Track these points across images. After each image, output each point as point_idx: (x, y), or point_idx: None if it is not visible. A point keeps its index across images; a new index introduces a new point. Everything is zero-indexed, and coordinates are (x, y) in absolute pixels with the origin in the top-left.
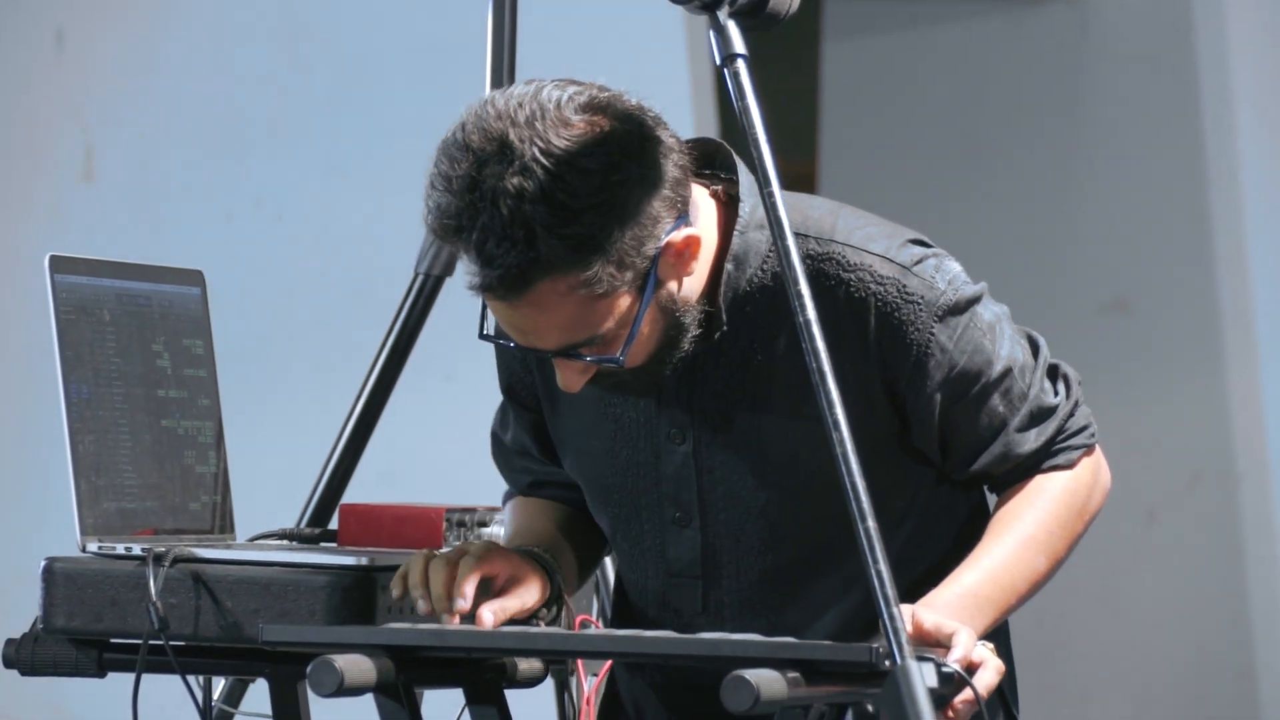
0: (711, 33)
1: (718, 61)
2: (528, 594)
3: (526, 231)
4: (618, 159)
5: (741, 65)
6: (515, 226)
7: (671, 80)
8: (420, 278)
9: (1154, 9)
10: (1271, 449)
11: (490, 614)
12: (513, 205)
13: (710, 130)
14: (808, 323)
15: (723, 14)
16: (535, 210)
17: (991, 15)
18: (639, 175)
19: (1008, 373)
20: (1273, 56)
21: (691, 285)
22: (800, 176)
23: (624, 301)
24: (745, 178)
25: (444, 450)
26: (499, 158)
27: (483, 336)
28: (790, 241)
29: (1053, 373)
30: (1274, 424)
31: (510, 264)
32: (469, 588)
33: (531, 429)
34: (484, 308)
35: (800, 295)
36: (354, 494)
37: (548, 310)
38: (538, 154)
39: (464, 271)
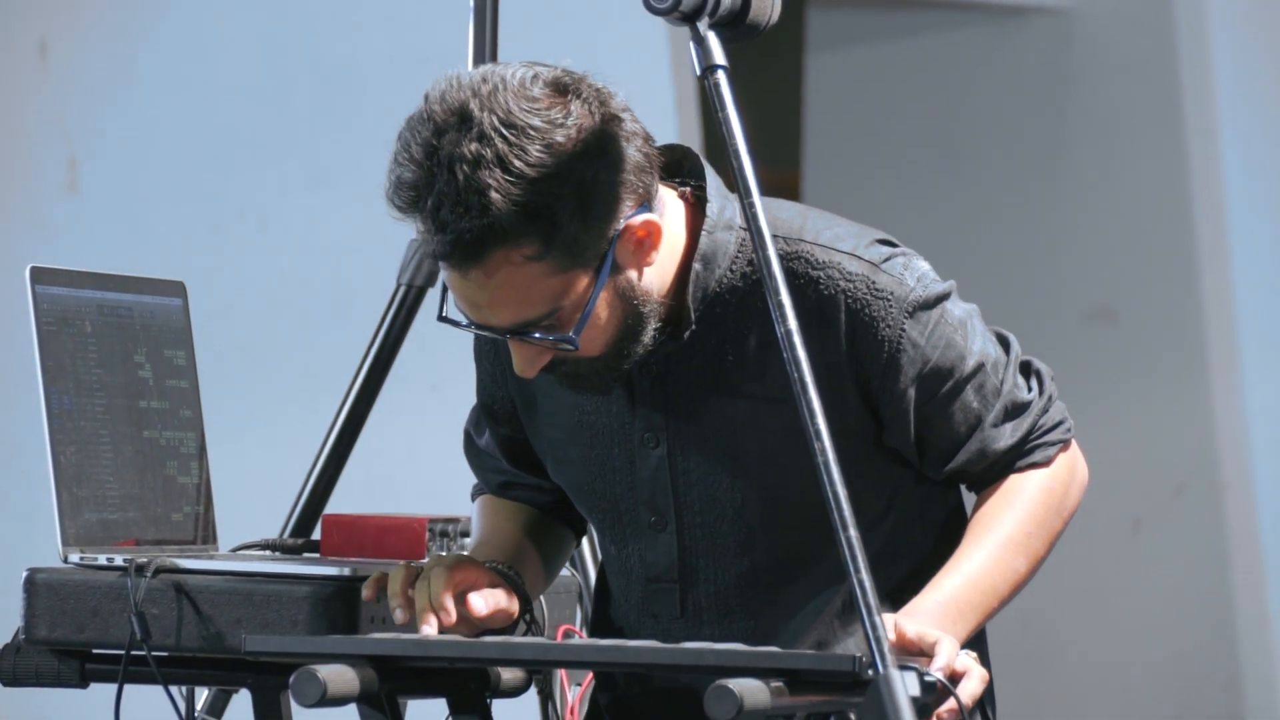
0: (692, 44)
1: (698, 72)
2: (510, 600)
3: (480, 198)
4: (577, 134)
5: (721, 76)
6: (470, 193)
7: (655, 91)
8: (403, 288)
9: (1137, 20)
10: (1255, 457)
11: (482, 600)
12: (468, 171)
13: (694, 140)
14: (789, 333)
15: (703, 25)
16: (490, 176)
17: (975, 26)
18: (599, 153)
19: (980, 368)
20: (1255, 67)
21: (654, 278)
22: (784, 187)
23: (580, 282)
24: (713, 180)
25: (427, 461)
26: (458, 126)
27: (441, 318)
28: (772, 252)
29: (1025, 369)
30: (1257, 433)
31: (463, 230)
32: (449, 601)
33: (504, 442)
34: (444, 290)
35: (781, 305)
36: (337, 504)
37: (501, 283)
38: (496, 122)
39: (421, 239)
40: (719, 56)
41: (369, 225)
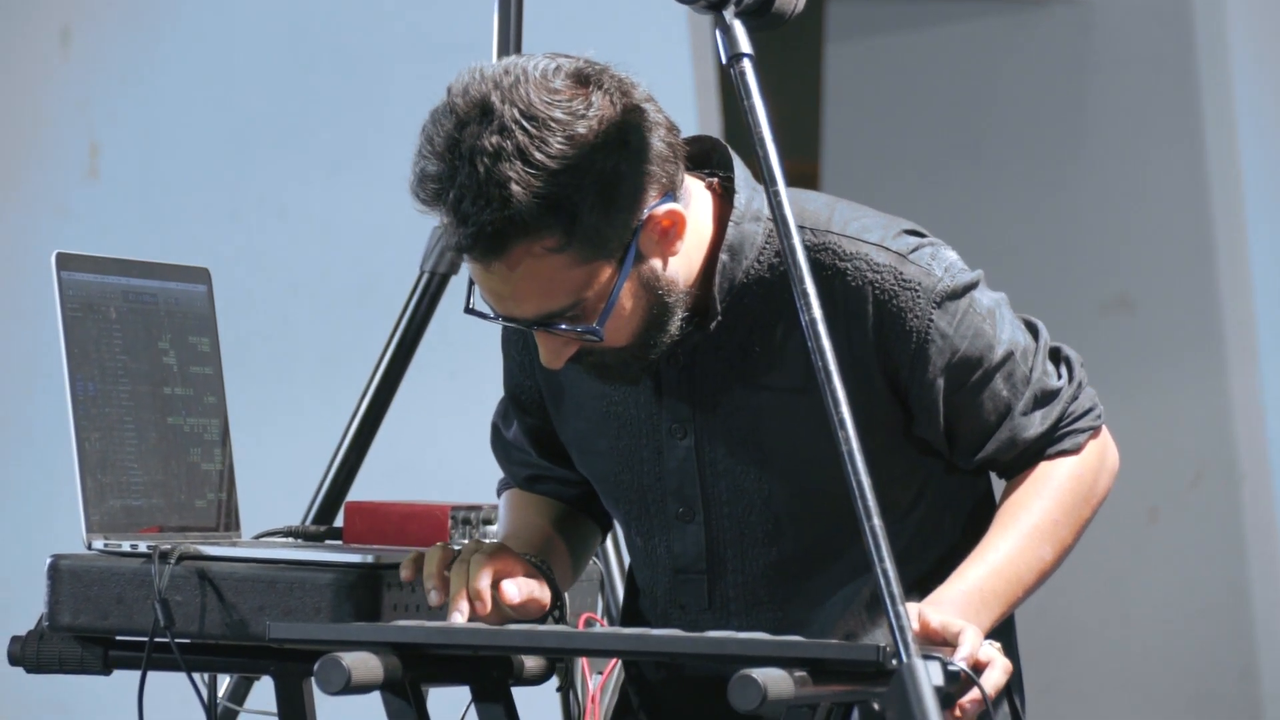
0: (717, 32)
1: (724, 61)
2: (542, 590)
3: (501, 190)
4: (599, 125)
5: (747, 64)
6: (491, 185)
7: (676, 80)
8: (425, 275)
9: (1155, 9)
10: (1272, 447)
11: (515, 588)
12: (489, 164)
13: (714, 129)
14: (813, 321)
15: (729, 13)
16: (511, 169)
17: (994, 15)
18: (620, 143)
19: (1009, 357)
20: (1273, 56)
21: (679, 268)
22: (803, 176)
23: (604, 272)
24: (741, 171)
25: (449, 447)
26: (480, 119)
27: (468, 310)
28: (796, 240)
29: (1054, 356)
30: (1275, 422)
31: (485, 222)
32: (487, 588)
33: (531, 432)
34: (470, 282)
35: (806, 294)
36: (359, 491)
37: (523, 275)
38: (517, 115)
39: (445, 234)
40: (745, 45)
41: (390, 212)
